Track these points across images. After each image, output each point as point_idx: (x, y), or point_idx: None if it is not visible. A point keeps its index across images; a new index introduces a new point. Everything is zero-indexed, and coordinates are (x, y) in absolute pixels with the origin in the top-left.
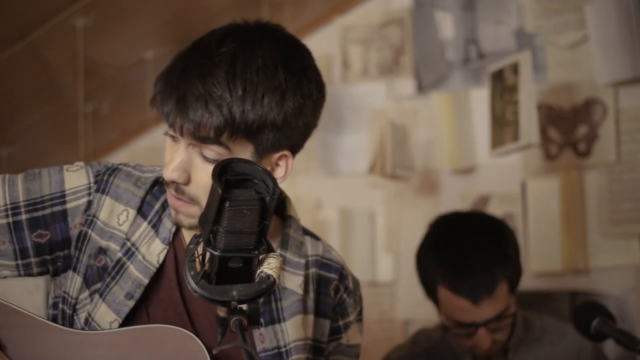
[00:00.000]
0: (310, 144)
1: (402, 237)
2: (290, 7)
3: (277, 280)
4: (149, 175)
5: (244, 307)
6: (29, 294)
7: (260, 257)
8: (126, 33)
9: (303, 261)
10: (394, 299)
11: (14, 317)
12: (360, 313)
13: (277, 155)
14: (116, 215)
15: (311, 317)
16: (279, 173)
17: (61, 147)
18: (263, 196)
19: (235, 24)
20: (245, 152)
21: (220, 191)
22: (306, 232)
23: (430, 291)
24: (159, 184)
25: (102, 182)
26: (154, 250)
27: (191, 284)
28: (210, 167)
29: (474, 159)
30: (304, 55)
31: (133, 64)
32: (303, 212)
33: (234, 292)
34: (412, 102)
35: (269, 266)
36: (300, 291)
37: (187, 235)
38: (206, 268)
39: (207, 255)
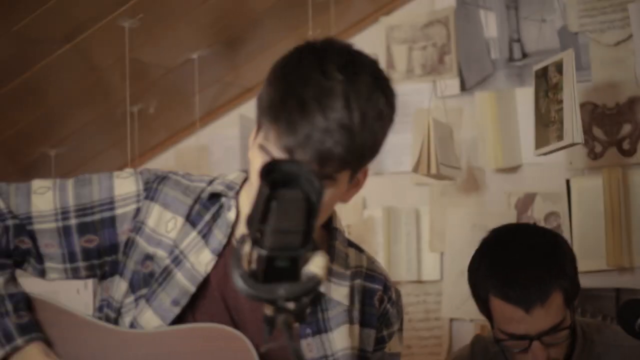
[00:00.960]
0: None
1: (446, 235)
2: (334, 7)
3: (323, 279)
4: (197, 184)
5: (291, 305)
6: (77, 293)
7: (307, 256)
8: (172, 34)
9: (348, 272)
10: (439, 297)
11: (62, 316)
12: (401, 323)
13: (362, 172)
14: (164, 222)
15: (357, 327)
16: (359, 186)
17: (109, 148)
18: (309, 195)
19: (319, 46)
20: (345, 176)
21: (266, 191)
22: (350, 244)
23: (484, 304)
24: (210, 196)
25: (151, 190)
26: (203, 260)
27: (238, 282)
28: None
29: (518, 157)
30: (386, 76)
31: (179, 64)
32: (348, 211)
33: (281, 291)
34: (457, 101)
35: (316, 265)
36: (346, 302)
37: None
38: (253, 267)
39: (254, 254)
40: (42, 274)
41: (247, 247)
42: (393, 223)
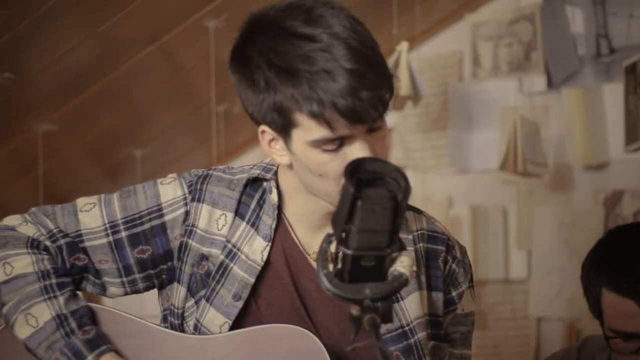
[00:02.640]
0: (440, 142)
1: (534, 234)
2: (420, 5)
3: (409, 278)
4: (240, 176)
5: (378, 305)
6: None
7: (393, 255)
8: None
9: (410, 237)
10: (527, 296)
11: (128, 326)
12: (471, 280)
13: None
14: (215, 220)
15: (425, 293)
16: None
17: (194, 148)
18: (395, 194)
19: (265, 28)
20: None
21: (352, 190)
22: (408, 207)
23: (595, 301)
24: (251, 183)
25: (196, 191)
26: (257, 249)
27: (324, 282)
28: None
29: (606, 154)
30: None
31: None
32: (434, 209)
33: (367, 291)
34: (544, 98)
35: (402, 264)
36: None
37: (297, 228)
38: (339, 267)
39: (340, 254)
40: (102, 288)
41: (332, 247)
42: (480, 222)
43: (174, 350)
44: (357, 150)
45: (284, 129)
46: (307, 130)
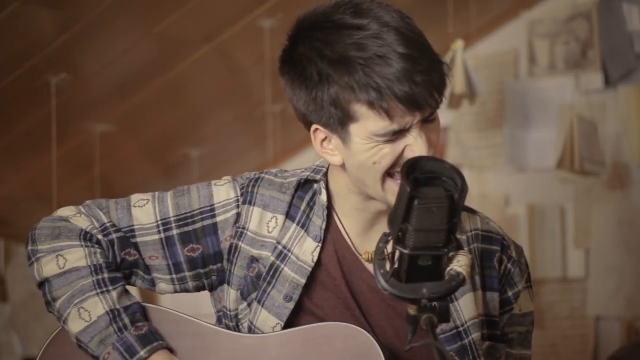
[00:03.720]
0: (497, 140)
1: (592, 232)
2: (475, 3)
3: (466, 277)
4: (292, 179)
5: (435, 304)
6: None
7: (450, 254)
8: None
9: (464, 237)
10: (585, 295)
11: (184, 326)
12: (528, 280)
13: None
14: (265, 223)
15: (480, 293)
16: None
17: (249, 148)
18: (451, 194)
19: (316, 20)
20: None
21: (408, 189)
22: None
23: None
24: (302, 185)
25: (247, 194)
26: (307, 249)
27: (381, 282)
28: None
29: None
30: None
31: None
32: (491, 208)
33: (424, 290)
34: (600, 96)
35: (459, 263)
36: None
37: (348, 228)
38: (396, 266)
39: (397, 253)
40: (151, 284)
41: (389, 246)
42: (537, 220)
43: (230, 350)
44: (412, 140)
45: (341, 123)
46: (366, 122)
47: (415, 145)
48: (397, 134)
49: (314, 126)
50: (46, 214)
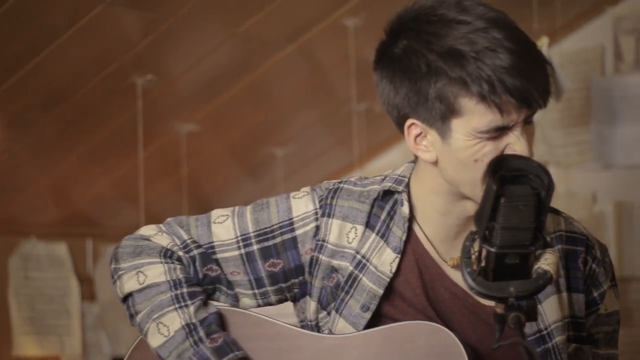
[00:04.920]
0: (583, 137)
1: None
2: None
3: (554, 276)
4: (371, 188)
5: (522, 303)
6: None
7: (537, 252)
8: None
9: (548, 239)
10: None
11: (265, 328)
12: (612, 279)
13: None
14: (345, 234)
15: (565, 295)
16: None
17: (334, 147)
18: (538, 192)
19: (419, 14)
20: None
21: (495, 187)
22: None
23: None
24: (382, 195)
25: (326, 206)
26: (386, 260)
27: (468, 280)
28: None
29: None
30: None
31: None
32: (578, 206)
33: (511, 289)
34: None
35: (546, 262)
36: None
37: (432, 237)
38: (483, 265)
39: (484, 252)
40: (235, 299)
41: (476, 245)
42: (624, 217)
43: (312, 350)
44: (515, 139)
45: (443, 118)
46: (472, 118)
47: (517, 145)
48: (499, 132)
49: (409, 121)
50: (133, 214)
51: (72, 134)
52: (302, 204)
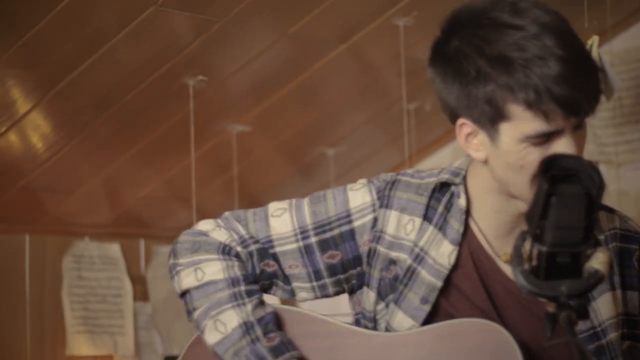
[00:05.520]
0: (634, 135)
1: None
2: None
3: (605, 275)
4: (428, 180)
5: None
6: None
7: (589, 251)
8: None
9: (602, 237)
10: None
11: (320, 326)
12: None
13: None
14: (403, 226)
15: (619, 292)
16: None
17: (385, 147)
18: (589, 190)
19: (472, 19)
20: None
21: (546, 187)
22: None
23: None
24: (439, 187)
25: (384, 198)
26: (444, 252)
27: (519, 279)
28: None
29: None
30: None
31: None
32: (629, 204)
33: (563, 288)
34: None
35: (598, 261)
36: None
37: (486, 231)
38: (534, 264)
39: (535, 251)
40: (291, 294)
41: (527, 245)
42: None
43: (365, 348)
44: (563, 145)
45: (492, 121)
46: (520, 123)
47: (565, 151)
48: (547, 137)
49: (461, 120)
50: (185, 214)
51: (124, 135)
52: (359, 196)
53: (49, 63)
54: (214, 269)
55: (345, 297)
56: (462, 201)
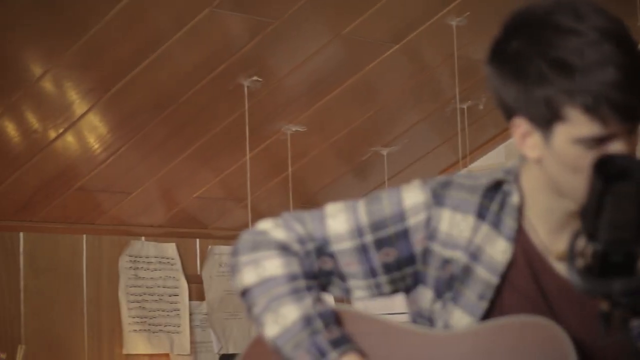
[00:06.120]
0: None
1: None
2: None
3: None
4: (481, 181)
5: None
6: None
7: None
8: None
9: None
10: None
11: (376, 324)
12: None
13: None
14: (456, 224)
15: None
16: None
17: (439, 146)
18: None
19: (536, 17)
20: None
21: (600, 186)
22: None
23: None
24: (492, 187)
25: (437, 196)
26: (499, 250)
27: (573, 277)
28: None
29: None
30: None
31: None
32: None
33: (617, 286)
34: None
35: None
36: None
37: (538, 229)
38: (588, 262)
39: (589, 249)
40: (347, 292)
41: (581, 242)
42: None
43: (420, 346)
44: (617, 148)
45: (548, 122)
46: (576, 126)
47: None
48: (602, 141)
49: (517, 119)
50: (241, 214)
51: (180, 136)
52: (413, 195)
53: (106, 65)
54: (274, 265)
55: (398, 297)
56: (515, 198)
